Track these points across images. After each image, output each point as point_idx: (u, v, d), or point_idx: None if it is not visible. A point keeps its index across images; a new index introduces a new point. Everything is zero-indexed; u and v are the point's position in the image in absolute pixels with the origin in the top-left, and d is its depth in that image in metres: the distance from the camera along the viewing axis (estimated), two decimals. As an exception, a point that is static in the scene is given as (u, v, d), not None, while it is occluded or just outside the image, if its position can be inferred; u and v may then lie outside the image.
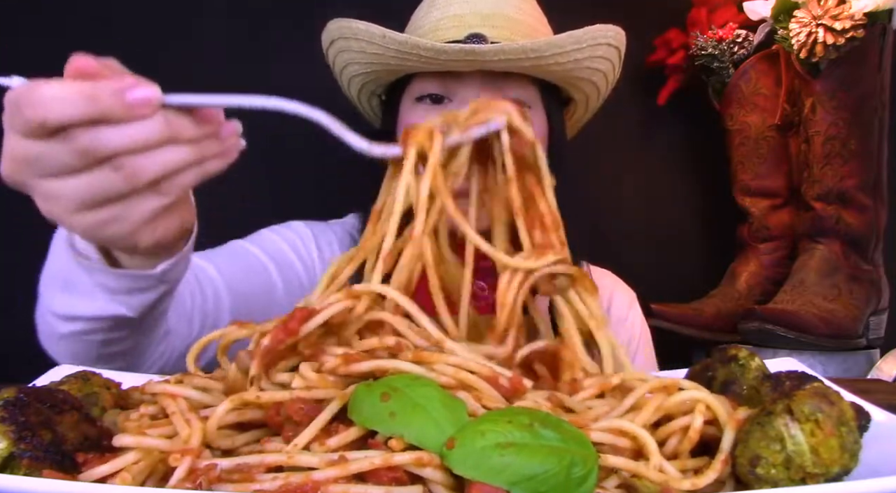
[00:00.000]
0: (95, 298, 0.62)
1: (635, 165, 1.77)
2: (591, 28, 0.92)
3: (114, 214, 0.49)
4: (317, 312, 0.51)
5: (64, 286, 0.64)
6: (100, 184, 0.48)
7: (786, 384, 0.52)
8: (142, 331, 0.71)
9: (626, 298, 1.14)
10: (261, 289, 0.95)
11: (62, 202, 0.48)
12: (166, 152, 0.48)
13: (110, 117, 0.45)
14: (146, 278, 0.61)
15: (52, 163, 0.47)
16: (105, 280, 0.61)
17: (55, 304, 0.67)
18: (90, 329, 0.67)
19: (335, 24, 0.96)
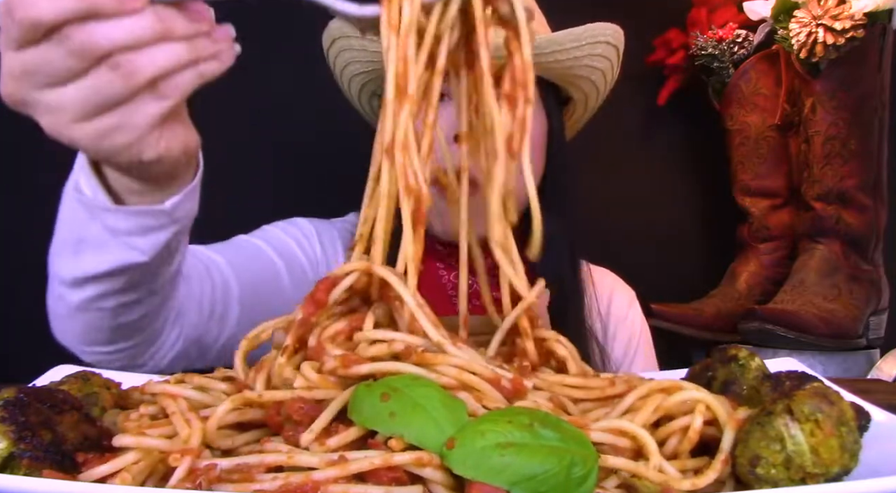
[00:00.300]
0: (106, 247, 0.61)
1: (635, 165, 1.77)
2: (590, 26, 0.92)
3: (116, 121, 0.49)
4: (340, 279, 0.52)
5: (74, 247, 0.63)
6: (99, 87, 0.47)
7: (786, 384, 0.52)
8: (154, 292, 0.70)
9: (626, 297, 1.14)
10: (268, 280, 0.95)
11: (64, 112, 0.48)
12: (162, 49, 0.48)
13: (101, 11, 0.45)
14: (156, 213, 0.60)
15: (49, 69, 0.47)
16: (115, 222, 0.60)
17: (65, 269, 0.66)
18: (103, 292, 0.65)
19: (336, 23, 0.96)
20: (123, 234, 0.61)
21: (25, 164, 1.41)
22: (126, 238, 0.61)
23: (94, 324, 0.70)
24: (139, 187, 0.59)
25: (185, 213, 0.63)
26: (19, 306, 1.41)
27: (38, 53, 0.46)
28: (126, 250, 0.62)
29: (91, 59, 0.47)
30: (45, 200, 1.50)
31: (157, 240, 0.62)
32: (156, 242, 0.62)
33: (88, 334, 0.71)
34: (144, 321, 0.73)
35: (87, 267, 0.63)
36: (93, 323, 0.70)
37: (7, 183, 1.42)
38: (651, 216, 1.77)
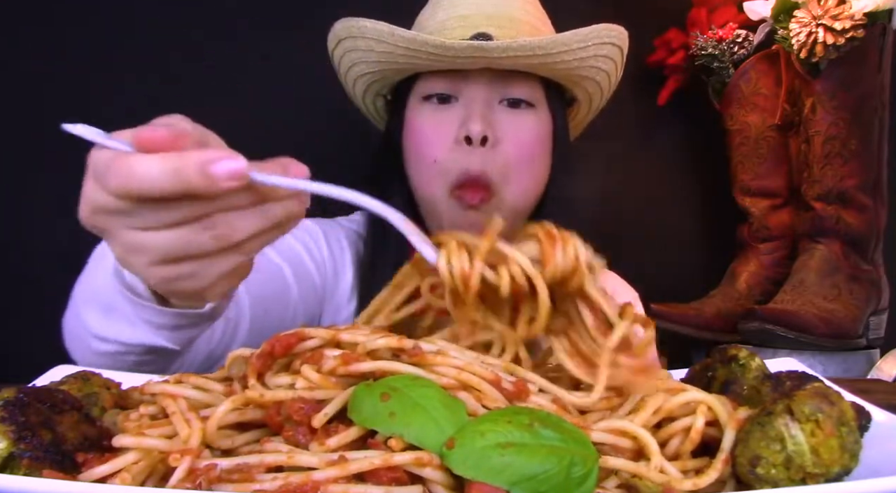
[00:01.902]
0: (138, 327, 0.61)
1: (635, 165, 1.77)
2: (596, 27, 0.93)
3: (193, 270, 0.48)
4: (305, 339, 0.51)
5: (105, 310, 0.63)
6: (188, 241, 0.46)
7: (786, 384, 0.52)
8: (176, 358, 0.71)
9: (628, 297, 1.14)
10: (277, 291, 0.95)
11: (144, 254, 0.47)
12: (258, 214, 0.48)
13: (196, 192, 0.44)
14: (195, 316, 0.61)
15: (139, 219, 0.46)
16: (151, 317, 0.60)
17: (92, 323, 0.65)
18: (125, 352, 0.66)
19: (342, 24, 0.96)
20: (157, 327, 0.61)
21: (26, 166, 1.41)
22: (158, 330, 0.62)
23: (112, 366, 0.70)
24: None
25: (221, 311, 0.64)
26: (19, 307, 1.41)
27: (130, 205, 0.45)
28: (156, 337, 0.62)
29: (186, 219, 0.46)
30: (46, 203, 1.50)
31: (190, 334, 0.64)
32: (188, 336, 0.64)
33: (107, 366, 0.71)
34: (160, 369, 0.73)
35: (115, 333, 0.64)
36: (110, 366, 0.69)
37: (8, 185, 1.42)
38: (651, 216, 1.77)
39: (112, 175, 0.44)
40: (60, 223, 1.46)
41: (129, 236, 0.47)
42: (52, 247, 1.36)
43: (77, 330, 0.70)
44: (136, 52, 1.44)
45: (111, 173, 0.44)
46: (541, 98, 0.99)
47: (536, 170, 1.00)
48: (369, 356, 0.49)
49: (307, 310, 0.98)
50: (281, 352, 0.50)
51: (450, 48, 0.89)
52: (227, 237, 0.47)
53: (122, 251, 0.48)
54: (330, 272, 1.02)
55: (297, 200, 0.50)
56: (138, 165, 0.43)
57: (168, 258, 0.47)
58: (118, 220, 0.46)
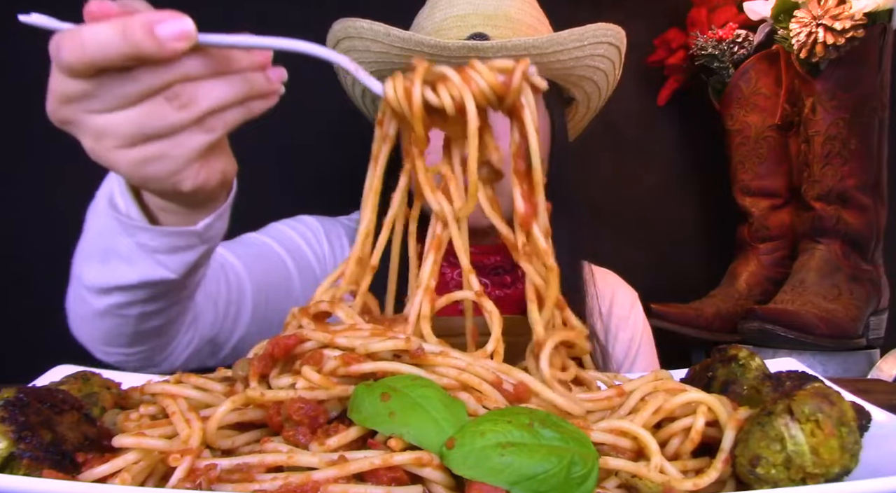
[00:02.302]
0: (136, 262, 0.61)
1: (635, 165, 1.77)
2: (592, 26, 0.93)
3: (160, 149, 0.48)
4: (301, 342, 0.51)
5: (102, 256, 0.63)
6: (151, 116, 0.47)
7: (786, 384, 0.52)
8: (178, 301, 0.70)
9: (629, 297, 1.14)
10: (278, 278, 0.96)
11: (110, 138, 0.48)
12: (219, 84, 0.48)
13: (144, 55, 0.44)
14: (187, 234, 0.60)
15: (101, 99, 0.46)
16: (146, 239, 0.60)
17: (92, 277, 0.66)
18: (128, 301, 0.66)
19: (340, 25, 0.96)
20: (153, 251, 0.61)
21: (24, 166, 1.41)
22: (155, 255, 0.61)
23: (116, 329, 0.70)
24: (173, 208, 0.59)
25: (215, 233, 0.63)
26: (19, 307, 1.41)
27: (89, 85, 0.46)
28: (155, 267, 0.62)
29: (148, 92, 0.46)
30: (45, 203, 1.50)
31: (186, 259, 0.63)
32: (184, 261, 0.63)
33: (109, 337, 0.72)
34: (164, 328, 0.74)
35: (115, 277, 0.64)
36: (114, 328, 0.70)
37: (7, 186, 1.42)
38: (651, 216, 1.77)
39: (65, 50, 0.44)
40: (60, 223, 1.46)
41: (94, 122, 0.47)
42: (52, 247, 1.36)
43: (78, 299, 0.70)
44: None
45: (64, 49, 0.44)
46: (538, 97, 0.99)
47: None
48: (370, 357, 0.49)
49: (307, 301, 0.99)
50: (280, 354, 0.50)
51: (445, 48, 0.89)
52: (190, 106, 0.47)
53: (91, 141, 0.48)
54: (331, 267, 1.02)
55: (262, 75, 0.50)
56: (87, 32, 0.44)
57: (135, 138, 0.48)
58: (81, 106, 0.47)
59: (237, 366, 0.53)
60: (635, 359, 1.09)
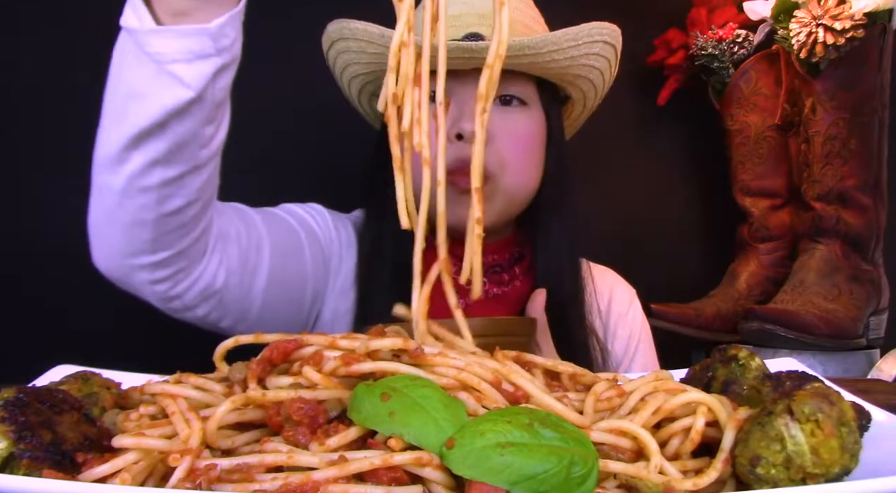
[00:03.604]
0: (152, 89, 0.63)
1: (635, 165, 1.77)
2: (586, 25, 0.93)
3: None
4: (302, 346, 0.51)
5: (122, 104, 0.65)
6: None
7: (786, 384, 0.52)
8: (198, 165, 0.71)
9: (627, 295, 1.14)
10: (294, 248, 0.97)
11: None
12: None
13: None
14: (201, 35, 0.62)
15: None
16: (161, 46, 0.62)
17: (113, 141, 0.67)
18: (149, 161, 0.67)
19: (334, 26, 0.96)
20: (169, 61, 0.62)
21: (23, 167, 1.41)
22: (172, 66, 0.63)
23: (139, 216, 0.71)
24: (185, 6, 0.61)
25: (229, 42, 0.65)
26: (19, 307, 1.41)
27: None
28: (172, 85, 0.63)
29: None
30: (46, 203, 1.50)
31: (203, 70, 0.64)
32: (201, 73, 0.64)
33: (132, 233, 0.72)
34: (188, 215, 0.74)
35: (134, 124, 0.65)
36: (137, 215, 0.70)
37: (8, 186, 1.42)
38: (651, 216, 1.77)
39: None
40: (61, 224, 1.46)
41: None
42: (52, 247, 1.36)
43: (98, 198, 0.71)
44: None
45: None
46: (533, 96, 0.99)
47: (531, 163, 1.00)
48: (369, 357, 0.49)
49: (316, 277, 1.00)
50: (280, 358, 0.50)
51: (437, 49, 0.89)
52: None
53: None
54: (336, 251, 1.03)
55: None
56: None
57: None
58: None
59: (234, 369, 0.53)
60: (634, 356, 1.09)
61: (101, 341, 0.82)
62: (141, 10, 0.62)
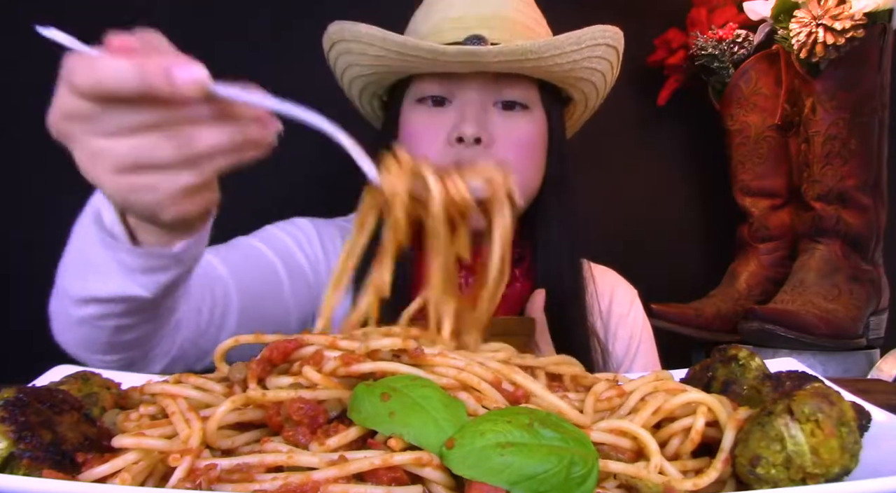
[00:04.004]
0: (112, 277, 0.63)
1: (635, 165, 1.77)
2: (589, 29, 0.93)
3: (149, 181, 0.50)
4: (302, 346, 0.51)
5: (82, 267, 0.65)
6: (147, 149, 0.48)
7: (786, 384, 0.52)
8: (153, 318, 0.72)
9: (628, 295, 1.14)
10: (267, 285, 0.96)
11: (104, 161, 0.49)
12: (219, 129, 0.49)
13: (156, 95, 0.46)
14: (163, 256, 0.62)
15: (103, 124, 0.47)
16: (124, 258, 0.61)
17: (72, 287, 0.67)
18: (104, 313, 0.67)
19: (335, 27, 0.96)
20: (130, 270, 0.62)
21: (23, 169, 1.41)
22: (132, 274, 0.63)
23: (93, 337, 0.71)
24: (152, 230, 0.60)
25: (191, 256, 0.64)
26: (19, 307, 1.41)
27: (95, 108, 0.47)
28: (129, 284, 0.63)
29: (148, 125, 0.48)
30: (45, 203, 1.50)
31: (160, 279, 0.64)
32: (158, 281, 0.64)
33: (87, 344, 0.73)
34: (142, 341, 0.75)
35: (91, 290, 0.65)
36: (91, 336, 0.71)
37: (7, 186, 1.42)
38: (651, 216, 1.77)
39: (80, 73, 0.46)
40: (60, 224, 1.46)
41: (93, 143, 0.48)
42: (52, 248, 1.36)
43: (58, 307, 0.72)
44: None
45: (79, 72, 0.46)
46: (535, 99, 0.99)
47: (532, 167, 1.00)
48: (369, 357, 0.49)
49: (300, 307, 0.99)
50: (279, 358, 0.50)
51: (441, 53, 0.89)
52: (187, 147, 0.48)
53: (85, 158, 0.50)
54: (324, 270, 1.02)
55: (259, 125, 0.51)
56: (105, 64, 0.45)
57: (128, 166, 0.49)
58: (84, 125, 0.48)
59: (234, 369, 0.53)
60: (635, 356, 1.09)
61: (101, 342, 0.83)
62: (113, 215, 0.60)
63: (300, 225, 1.05)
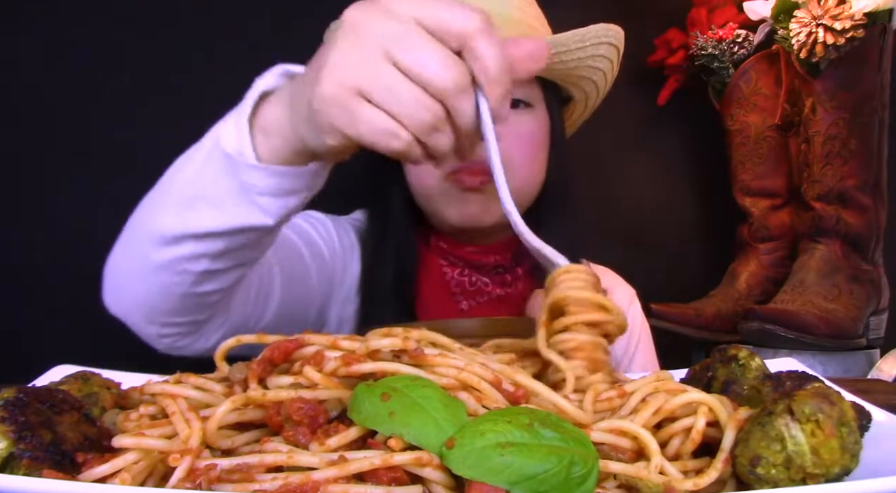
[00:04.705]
0: (232, 205, 0.61)
1: (635, 165, 1.77)
2: (592, 27, 0.93)
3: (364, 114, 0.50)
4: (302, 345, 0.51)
5: (188, 201, 0.63)
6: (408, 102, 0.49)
7: (786, 384, 0.52)
8: (245, 262, 0.70)
9: (627, 294, 1.15)
10: (300, 269, 0.96)
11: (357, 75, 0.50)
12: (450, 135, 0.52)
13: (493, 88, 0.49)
14: (298, 175, 0.61)
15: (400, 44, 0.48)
16: (256, 179, 0.60)
17: (166, 224, 0.65)
18: (198, 253, 0.65)
19: (337, 26, 0.96)
20: (258, 193, 0.61)
21: (23, 167, 1.41)
22: (259, 197, 0.61)
23: (168, 289, 0.69)
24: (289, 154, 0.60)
25: (320, 181, 0.64)
26: (19, 307, 1.41)
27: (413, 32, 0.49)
28: (253, 211, 0.62)
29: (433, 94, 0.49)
30: (46, 203, 1.50)
31: (288, 204, 0.62)
32: (286, 206, 0.63)
33: (156, 299, 0.70)
34: (214, 297, 0.72)
35: (199, 224, 0.63)
36: (167, 288, 0.69)
37: (8, 186, 1.42)
38: (651, 216, 1.77)
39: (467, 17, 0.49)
40: (61, 224, 1.47)
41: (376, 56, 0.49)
42: (52, 248, 1.36)
43: (132, 254, 0.69)
44: (137, 52, 1.45)
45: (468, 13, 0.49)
46: (538, 97, 1.00)
47: (536, 165, 1.00)
48: (370, 357, 0.49)
49: (321, 295, 1.00)
50: (280, 358, 0.50)
51: None
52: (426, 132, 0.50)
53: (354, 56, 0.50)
54: (339, 261, 1.03)
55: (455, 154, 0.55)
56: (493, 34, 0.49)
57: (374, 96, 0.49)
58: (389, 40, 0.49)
59: (234, 369, 0.53)
60: (634, 356, 1.09)
61: (101, 341, 0.82)
62: (244, 138, 0.59)
63: (317, 217, 1.06)
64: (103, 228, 0.74)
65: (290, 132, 0.58)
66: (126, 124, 1.40)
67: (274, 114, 0.60)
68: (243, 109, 0.61)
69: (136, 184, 0.71)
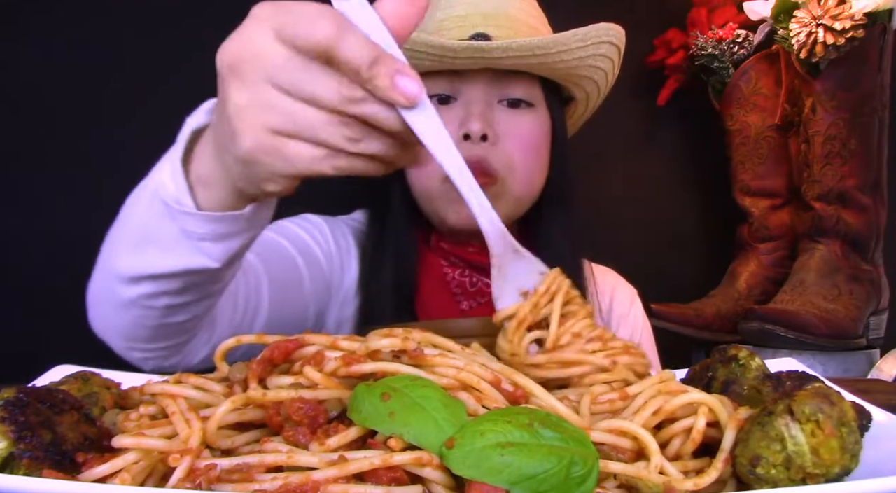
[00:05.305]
0: (176, 249, 0.61)
1: (635, 165, 1.77)
2: (594, 26, 0.93)
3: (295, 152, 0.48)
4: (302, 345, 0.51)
5: (139, 243, 0.63)
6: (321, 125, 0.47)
7: (786, 384, 0.52)
8: (208, 295, 0.70)
9: (628, 294, 1.15)
10: (291, 277, 0.95)
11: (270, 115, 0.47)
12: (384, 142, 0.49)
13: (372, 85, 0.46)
14: (236, 219, 0.60)
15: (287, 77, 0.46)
16: (194, 226, 0.59)
17: (123, 264, 0.65)
18: (157, 291, 0.65)
19: None
20: (199, 239, 0.60)
21: (23, 167, 1.41)
22: (200, 243, 0.60)
23: (139, 321, 0.69)
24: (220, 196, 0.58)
25: (261, 221, 0.63)
26: (19, 307, 1.41)
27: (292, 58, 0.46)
28: (197, 255, 0.61)
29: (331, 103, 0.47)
30: (47, 204, 1.50)
31: (230, 247, 0.62)
32: (228, 249, 0.62)
33: (130, 330, 0.71)
34: (188, 324, 0.73)
35: (150, 265, 0.63)
36: (138, 320, 0.69)
37: (6, 187, 1.42)
38: (651, 216, 1.77)
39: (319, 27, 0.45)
40: (61, 224, 1.47)
41: (263, 91, 0.47)
42: (52, 248, 1.36)
43: (103, 289, 0.69)
44: (137, 52, 1.45)
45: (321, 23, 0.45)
46: (539, 97, 1.00)
47: (538, 165, 1.00)
48: (370, 357, 0.49)
49: (317, 300, 0.99)
50: (280, 358, 0.50)
51: (449, 49, 0.89)
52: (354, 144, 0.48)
53: (242, 103, 0.48)
54: (336, 264, 1.02)
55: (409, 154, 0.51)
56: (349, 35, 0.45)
57: (288, 131, 0.47)
58: (268, 71, 0.47)
59: (234, 369, 0.53)
60: (635, 356, 1.09)
61: (101, 342, 0.82)
62: (181, 186, 0.58)
63: (312, 221, 1.06)
64: (103, 228, 0.74)
65: (228, 184, 0.57)
66: (126, 124, 1.40)
67: (208, 166, 0.58)
68: (175, 151, 0.60)
69: (135, 184, 0.71)
